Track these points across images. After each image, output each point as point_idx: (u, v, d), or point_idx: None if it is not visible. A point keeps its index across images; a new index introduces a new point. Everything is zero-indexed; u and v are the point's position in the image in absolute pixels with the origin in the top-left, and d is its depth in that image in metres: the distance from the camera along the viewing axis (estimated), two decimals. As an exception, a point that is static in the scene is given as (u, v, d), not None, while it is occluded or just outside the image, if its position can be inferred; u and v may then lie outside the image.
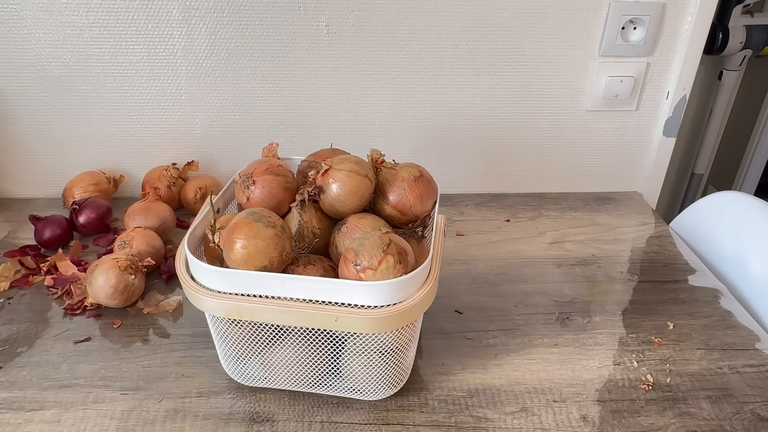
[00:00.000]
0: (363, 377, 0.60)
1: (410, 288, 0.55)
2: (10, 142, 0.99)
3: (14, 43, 0.90)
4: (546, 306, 0.80)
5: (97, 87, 0.95)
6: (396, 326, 0.55)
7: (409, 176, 0.65)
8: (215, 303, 0.55)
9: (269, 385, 0.64)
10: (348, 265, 0.55)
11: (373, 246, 0.55)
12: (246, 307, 0.55)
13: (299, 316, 0.54)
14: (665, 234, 0.98)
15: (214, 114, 0.99)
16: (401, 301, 0.54)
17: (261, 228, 0.55)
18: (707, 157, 1.37)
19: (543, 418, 0.63)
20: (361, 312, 0.53)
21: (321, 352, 0.60)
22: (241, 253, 0.54)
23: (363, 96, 0.99)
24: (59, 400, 0.63)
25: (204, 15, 0.90)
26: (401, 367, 0.62)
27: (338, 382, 0.62)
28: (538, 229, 0.99)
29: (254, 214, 0.56)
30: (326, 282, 0.54)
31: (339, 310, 0.54)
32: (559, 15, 0.94)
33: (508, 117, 1.03)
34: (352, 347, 0.59)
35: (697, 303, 0.81)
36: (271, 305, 0.54)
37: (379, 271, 0.54)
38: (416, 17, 0.92)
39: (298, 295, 0.54)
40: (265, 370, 0.62)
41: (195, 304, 0.57)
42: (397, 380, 0.63)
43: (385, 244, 0.55)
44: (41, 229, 0.87)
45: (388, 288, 0.54)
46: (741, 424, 0.63)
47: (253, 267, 0.55)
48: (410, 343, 0.62)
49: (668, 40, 0.98)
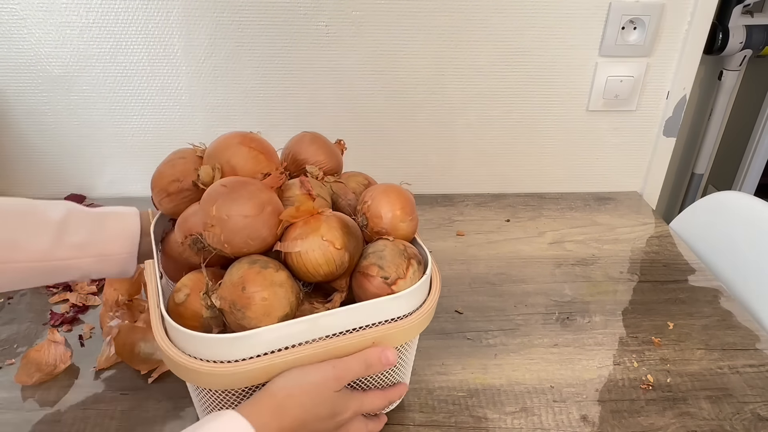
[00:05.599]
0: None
1: (427, 283, 0.54)
2: (10, 142, 0.99)
3: (14, 43, 0.90)
4: (546, 306, 0.80)
5: (97, 87, 0.95)
6: (424, 326, 0.54)
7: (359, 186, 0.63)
8: (236, 375, 0.47)
9: None
10: (373, 280, 0.52)
11: (394, 255, 0.53)
12: (277, 364, 0.48)
13: (332, 355, 0.50)
14: (665, 234, 0.98)
15: (214, 114, 0.99)
16: (425, 300, 0.54)
17: (273, 274, 0.49)
18: (707, 157, 1.37)
19: (543, 418, 0.63)
20: (396, 326, 0.52)
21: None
22: (262, 306, 0.47)
23: (363, 96, 0.99)
24: (59, 400, 0.63)
25: (204, 15, 0.90)
26: (408, 366, 0.62)
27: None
28: (538, 229, 0.99)
29: (256, 262, 0.49)
30: (362, 307, 0.51)
31: (375, 331, 0.51)
32: (559, 15, 0.94)
33: (508, 117, 1.03)
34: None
35: (697, 303, 0.81)
36: (303, 352, 0.49)
37: (408, 277, 0.52)
38: (416, 17, 0.92)
39: (328, 331, 0.50)
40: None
41: (208, 385, 0.49)
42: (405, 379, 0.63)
43: (401, 250, 0.54)
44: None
45: (420, 291, 0.53)
46: (741, 424, 0.63)
47: (276, 318, 0.48)
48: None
49: (668, 40, 0.98)
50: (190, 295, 0.51)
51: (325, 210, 0.52)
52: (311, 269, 0.50)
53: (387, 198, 0.56)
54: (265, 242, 0.50)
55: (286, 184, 0.56)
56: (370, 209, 0.56)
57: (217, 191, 0.50)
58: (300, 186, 0.54)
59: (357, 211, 0.58)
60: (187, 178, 0.57)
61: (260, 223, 0.49)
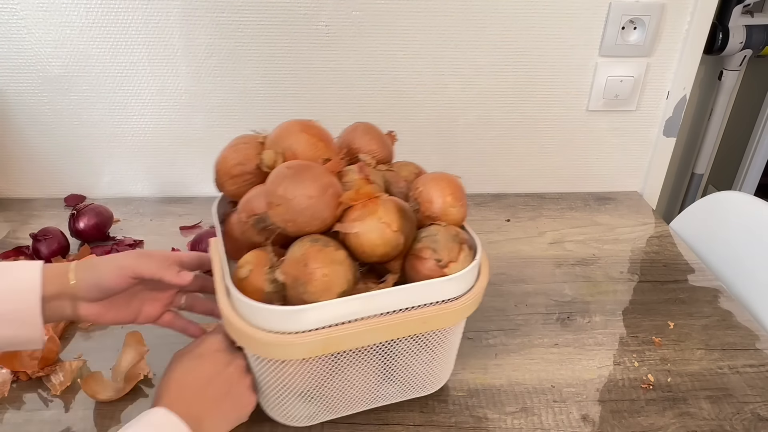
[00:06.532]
0: (423, 371, 0.60)
1: (476, 267, 0.56)
2: (9, 142, 0.99)
3: (14, 43, 0.90)
4: (546, 306, 0.80)
5: (97, 87, 0.95)
6: (473, 309, 0.56)
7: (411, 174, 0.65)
8: (297, 346, 0.50)
9: (327, 418, 0.61)
10: (426, 263, 0.54)
11: (447, 239, 0.55)
12: (334, 338, 0.51)
13: (386, 332, 0.53)
14: (665, 234, 0.98)
15: (214, 114, 0.99)
16: (474, 284, 0.56)
17: (333, 252, 0.51)
18: (707, 157, 1.37)
19: (543, 418, 0.63)
20: (446, 307, 0.54)
21: (376, 363, 0.58)
22: (323, 282, 0.50)
23: (363, 96, 0.99)
24: (60, 400, 0.63)
25: (204, 15, 0.90)
26: (453, 352, 0.63)
27: (394, 387, 0.61)
28: (538, 229, 0.99)
29: (318, 240, 0.52)
30: (415, 287, 0.53)
31: (425, 311, 0.53)
32: (559, 15, 0.94)
33: (508, 117, 1.03)
34: (407, 348, 0.58)
35: (697, 303, 0.81)
36: (358, 328, 0.52)
37: (460, 261, 0.54)
38: (416, 17, 0.92)
39: (383, 309, 0.52)
40: (322, 403, 0.59)
41: (270, 355, 0.52)
42: (449, 368, 0.65)
43: (453, 235, 0.55)
44: (38, 248, 0.84)
45: (470, 274, 0.55)
46: (741, 424, 0.63)
47: (335, 294, 0.51)
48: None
49: (668, 40, 0.98)
50: (252, 271, 0.53)
51: (382, 194, 0.55)
52: (368, 249, 0.53)
53: (438, 185, 0.58)
54: (324, 223, 0.53)
55: (344, 170, 0.59)
56: (422, 195, 0.58)
57: (283, 173, 0.53)
58: (358, 171, 0.56)
59: (409, 198, 0.60)
60: (249, 162, 0.59)
61: (322, 204, 0.52)
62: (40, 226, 0.88)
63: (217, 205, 0.63)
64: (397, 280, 0.57)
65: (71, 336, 0.72)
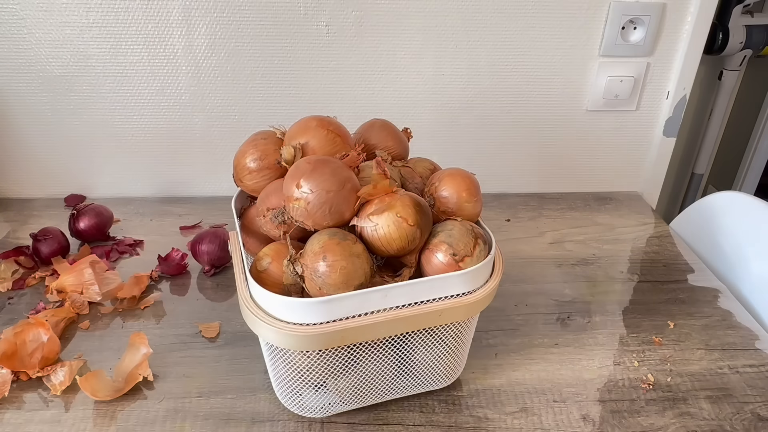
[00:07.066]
0: (436, 365, 0.61)
1: (491, 262, 0.57)
2: (9, 142, 0.99)
3: (14, 43, 0.90)
4: (546, 306, 0.80)
5: (97, 87, 0.95)
6: (487, 304, 0.57)
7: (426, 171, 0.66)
8: (315, 337, 0.51)
9: (341, 409, 0.62)
10: (442, 257, 0.55)
11: (463, 234, 0.56)
12: (350, 330, 0.52)
13: (401, 325, 0.54)
14: (665, 234, 0.98)
15: (214, 114, 0.99)
16: (488, 278, 0.57)
17: (351, 245, 0.52)
18: (707, 157, 1.37)
19: (543, 418, 0.63)
20: (461, 301, 0.55)
21: (391, 356, 0.59)
22: (341, 274, 0.51)
23: (363, 96, 0.99)
24: (60, 400, 0.63)
25: (204, 15, 0.90)
26: (466, 347, 0.64)
27: (408, 380, 0.62)
28: (539, 229, 0.99)
29: (336, 234, 0.53)
30: (430, 281, 0.54)
31: (440, 304, 0.54)
32: (559, 15, 0.94)
33: (508, 117, 1.03)
34: (422, 341, 0.59)
35: (697, 303, 0.81)
36: (376, 320, 0.53)
37: (475, 255, 0.55)
38: (416, 17, 0.92)
39: (398, 302, 0.54)
40: (337, 394, 0.60)
41: (288, 346, 0.53)
42: (461, 362, 0.65)
43: (468, 229, 0.56)
44: (38, 248, 0.83)
45: (485, 269, 0.56)
46: (741, 424, 0.63)
47: (352, 287, 0.52)
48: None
49: (668, 40, 0.98)
50: (271, 263, 0.54)
51: (399, 189, 0.56)
52: (385, 243, 0.54)
53: (453, 180, 0.60)
54: (342, 217, 0.54)
55: (361, 165, 0.59)
56: (438, 190, 0.59)
57: (303, 168, 0.54)
58: (376, 166, 0.56)
59: (425, 193, 0.61)
60: (268, 157, 0.60)
61: (341, 198, 0.53)
62: (40, 226, 0.88)
63: (235, 200, 0.65)
64: (413, 273, 0.57)
65: (71, 336, 0.72)
